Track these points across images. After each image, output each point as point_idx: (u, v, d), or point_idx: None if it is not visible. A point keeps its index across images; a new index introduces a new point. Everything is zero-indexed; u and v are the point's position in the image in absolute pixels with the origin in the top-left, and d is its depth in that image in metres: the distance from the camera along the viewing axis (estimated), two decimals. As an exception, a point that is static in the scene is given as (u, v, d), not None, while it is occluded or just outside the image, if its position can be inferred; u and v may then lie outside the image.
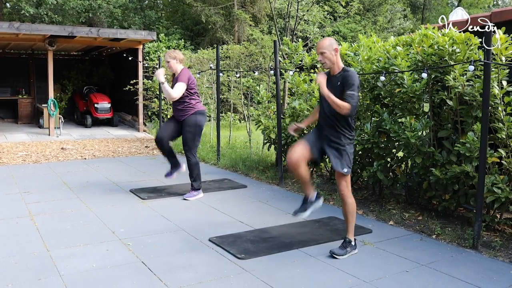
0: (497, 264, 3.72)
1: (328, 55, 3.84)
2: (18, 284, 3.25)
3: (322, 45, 3.86)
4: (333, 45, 3.85)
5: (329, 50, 3.83)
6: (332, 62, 3.86)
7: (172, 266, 3.61)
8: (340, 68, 3.90)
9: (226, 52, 12.36)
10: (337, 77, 3.86)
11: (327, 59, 3.86)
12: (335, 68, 3.90)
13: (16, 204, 5.31)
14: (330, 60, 3.86)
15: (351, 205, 3.89)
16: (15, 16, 18.92)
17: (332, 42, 3.87)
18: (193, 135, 5.64)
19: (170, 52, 5.64)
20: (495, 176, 4.21)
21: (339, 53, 3.88)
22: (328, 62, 3.87)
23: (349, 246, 3.91)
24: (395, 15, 27.57)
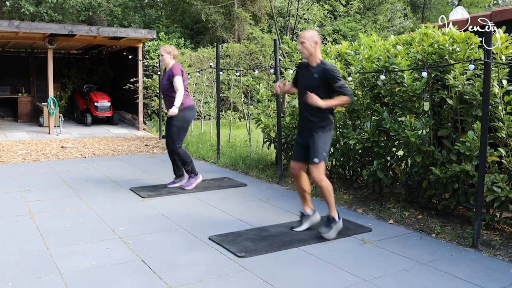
0: (496, 263, 3.72)
1: (308, 45, 4.14)
2: (18, 283, 3.25)
3: (304, 35, 4.18)
4: (314, 38, 4.16)
5: (309, 41, 4.14)
6: (310, 53, 4.17)
7: (172, 265, 3.62)
8: (318, 61, 4.20)
9: (226, 50, 12.37)
10: (316, 69, 4.18)
11: (305, 49, 4.16)
12: (313, 60, 4.21)
13: (16, 203, 5.31)
14: (308, 51, 4.16)
15: (326, 188, 4.24)
16: (15, 15, 18.92)
17: (314, 34, 4.19)
18: (178, 129, 5.85)
19: (166, 47, 5.90)
20: (495, 175, 4.21)
21: (319, 46, 4.19)
22: (306, 52, 4.18)
23: (333, 222, 4.25)
24: (395, 14, 27.57)
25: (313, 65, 4.20)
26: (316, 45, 4.15)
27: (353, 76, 5.52)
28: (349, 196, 5.67)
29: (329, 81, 4.11)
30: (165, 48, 5.86)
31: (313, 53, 4.17)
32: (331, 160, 6.39)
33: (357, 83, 5.58)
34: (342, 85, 4.11)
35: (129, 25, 20.12)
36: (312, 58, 4.20)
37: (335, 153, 6.00)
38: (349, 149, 5.72)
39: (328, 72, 4.11)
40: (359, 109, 5.59)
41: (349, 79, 5.54)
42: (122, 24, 20.38)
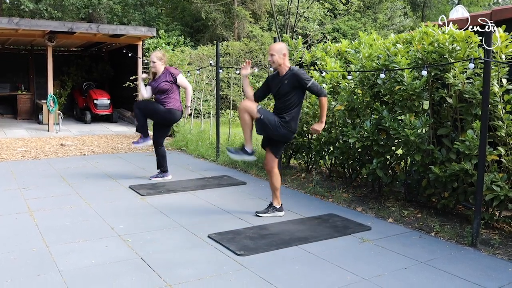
0: (495, 262, 3.72)
1: (276, 58, 4.62)
2: (17, 280, 3.25)
3: (273, 48, 4.66)
4: (283, 51, 4.63)
5: (278, 54, 4.62)
6: (279, 64, 4.64)
7: (171, 263, 3.62)
8: (287, 69, 4.67)
9: (226, 48, 12.36)
10: (285, 76, 4.63)
11: (275, 61, 4.64)
12: (282, 69, 4.68)
13: (15, 200, 5.31)
14: (277, 62, 4.64)
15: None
16: (15, 12, 18.89)
17: (282, 47, 4.66)
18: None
19: (157, 53, 6.28)
20: (494, 174, 4.21)
21: (287, 57, 4.67)
22: (275, 63, 4.65)
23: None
24: (395, 13, 27.54)
25: (283, 73, 4.66)
26: (284, 56, 4.63)
27: (353, 75, 5.52)
28: (348, 195, 5.68)
29: (300, 83, 4.56)
30: (156, 55, 6.20)
31: (281, 63, 4.64)
32: (331, 159, 6.40)
33: (357, 81, 5.57)
34: (313, 83, 4.57)
35: (129, 22, 20.10)
36: (281, 68, 4.67)
37: (335, 151, 6.00)
38: (349, 147, 5.72)
39: (296, 75, 4.57)
40: (358, 107, 5.59)
41: (349, 78, 5.55)
42: (122, 21, 20.36)
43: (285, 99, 4.63)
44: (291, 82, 4.58)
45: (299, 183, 6.27)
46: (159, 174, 6.52)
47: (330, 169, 6.61)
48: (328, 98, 5.95)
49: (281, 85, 4.64)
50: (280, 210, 4.91)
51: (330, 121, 6.07)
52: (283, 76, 4.65)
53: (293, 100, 4.62)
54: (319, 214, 4.91)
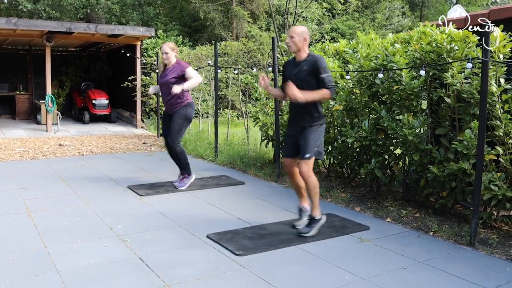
0: (493, 261, 3.73)
1: (296, 40, 4.18)
2: (16, 281, 3.25)
3: (294, 30, 4.22)
4: (304, 34, 4.20)
5: (299, 37, 4.18)
6: (298, 48, 4.20)
7: (170, 263, 3.62)
8: (306, 54, 4.24)
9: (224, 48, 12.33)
10: (304, 61, 4.21)
11: (293, 44, 4.19)
12: (301, 54, 4.24)
13: (14, 200, 5.30)
14: (296, 45, 4.19)
15: (312, 183, 4.22)
16: (13, 12, 18.86)
17: (304, 30, 4.23)
18: (180, 126, 5.84)
19: (169, 44, 5.86)
20: (492, 174, 4.22)
21: (307, 43, 4.23)
22: (293, 47, 4.21)
23: (314, 222, 4.27)
24: (394, 12, 27.56)
25: (301, 59, 4.24)
26: (305, 41, 4.20)
27: (351, 75, 5.53)
28: (346, 194, 5.68)
29: (316, 71, 4.11)
30: (169, 46, 5.79)
31: (301, 48, 4.21)
32: (329, 159, 6.40)
33: (355, 81, 5.58)
34: (326, 77, 4.11)
35: (127, 22, 20.08)
36: (299, 53, 4.24)
37: (333, 151, 6.00)
38: (347, 147, 5.72)
39: (317, 61, 4.13)
40: (357, 107, 5.59)
41: (347, 78, 5.55)
42: (120, 21, 20.34)
43: (303, 87, 4.09)
44: (310, 68, 4.13)
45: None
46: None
47: (329, 169, 6.62)
48: None
49: (299, 71, 4.19)
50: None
51: (328, 120, 6.08)
52: (301, 61, 4.21)
53: (313, 89, 4.11)
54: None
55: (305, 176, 4.18)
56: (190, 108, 5.87)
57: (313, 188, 4.21)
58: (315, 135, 4.21)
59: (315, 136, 4.21)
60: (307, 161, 4.16)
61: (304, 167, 4.16)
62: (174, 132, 5.82)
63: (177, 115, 5.80)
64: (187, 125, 5.96)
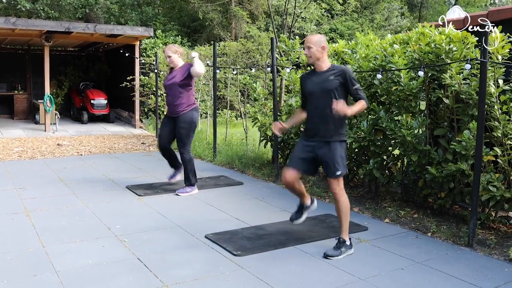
0: (491, 262, 3.74)
1: (314, 51, 3.90)
2: (14, 280, 3.24)
3: (310, 40, 3.93)
4: (321, 43, 3.91)
5: (316, 46, 3.89)
6: (317, 58, 3.92)
7: (168, 263, 3.61)
8: (328, 65, 3.96)
9: (223, 49, 12.33)
10: (329, 72, 3.90)
11: (312, 54, 3.92)
12: (322, 65, 3.95)
13: (12, 200, 5.29)
14: (315, 56, 3.91)
15: (343, 203, 3.90)
16: (11, 11, 18.82)
17: (321, 39, 3.94)
18: (187, 132, 5.63)
19: (171, 47, 5.65)
20: (491, 175, 4.23)
21: (326, 51, 3.94)
22: (313, 57, 3.93)
23: (343, 246, 3.85)
24: (392, 13, 27.58)
25: (323, 69, 3.95)
26: (323, 50, 3.92)
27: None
28: (345, 195, 5.68)
29: (347, 83, 3.85)
30: (170, 49, 5.61)
31: (320, 58, 3.92)
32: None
33: (354, 82, 5.57)
34: (358, 88, 3.90)
35: (126, 22, 20.06)
36: (319, 63, 3.95)
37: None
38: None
39: (347, 73, 3.85)
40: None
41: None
42: (119, 21, 20.31)
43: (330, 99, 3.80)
44: (339, 79, 3.84)
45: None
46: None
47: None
48: None
49: (324, 81, 3.88)
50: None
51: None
52: (325, 72, 3.92)
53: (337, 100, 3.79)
54: (316, 215, 4.91)
55: (336, 194, 3.89)
56: (196, 112, 5.69)
57: (344, 208, 3.90)
58: (341, 150, 3.92)
59: (341, 152, 3.92)
60: (339, 178, 3.88)
61: (335, 185, 3.88)
62: (183, 139, 5.62)
63: (182, 119, 5.57)
64: (194, 129, 5.73)
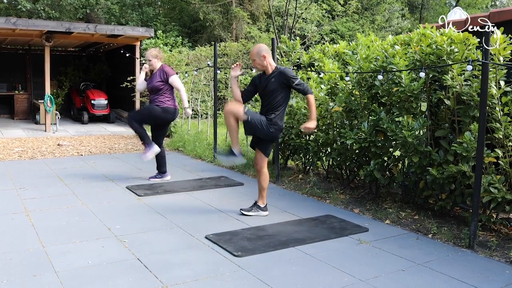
0: (492, 264, 3.72)
1: (258, 61, 4.66)
2: (13, 280, 3.23)
3: (252, 54, 4.69)
4: (261, 53, 4.62)
5: (258, 57, 4.64)
6: (263, 66, 4.68)
7: (168, 263, 3.60)
8: (273, 68, 4.70)
9: (224, 49, 12.35)
10: (272, 75, 4.66)
11: (257, 64, 4.70)
12: (268, 69, 4.70)
13: (12, 200, 5.29)
14: (261, 65, 4.68)
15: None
16: (12, 11, 18.83)
17: (260, 49, 4.63)
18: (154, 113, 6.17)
19: (152, 51, 6.25)
20: (492, 176, 4.21)
21: (268, 56, 4.64)
22: (259, 67, 4.71)
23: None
24: (393, 14, 27.59)
25: (269, 72, 4.69)
26: (265, 58, 4.62)
27: (350, 76, 5.52)
28: (345, 196, 5.67)
29: (287, 81, 4.58)
30: (151, 53, 6.18)
31: (265, 65, 4.66)
32: (328, 160, 6.39)
33: (355, 83, 5.57)
34: (299, 83, 4.60)
35: (126, 23, 20.06)
36: (266, 69, 4.69)
37: (332, 153, 6.00)
38: (346, 149, 5.71)
39: (284, 74, 4.59)
40: (356, 109, 5.59)
41: (346, 79, 5.55)
42: (119, 22, 20.32)
43: (272, 98, 4.65)
44: (278, 80, 4.60)
45: (296, 184, 6.27)
46: (157, 175, 6.50)
47: (328, 170, 6.61)
48: (326, 98, 5.96)
49: (267, 84, 4.65)
50: (264, 209, 4.93)
51: (327, 122, 6.07)
52: (269, 75, 4.68)
53: (279, 99, 4.65)
54: (316, 216, 4.91)
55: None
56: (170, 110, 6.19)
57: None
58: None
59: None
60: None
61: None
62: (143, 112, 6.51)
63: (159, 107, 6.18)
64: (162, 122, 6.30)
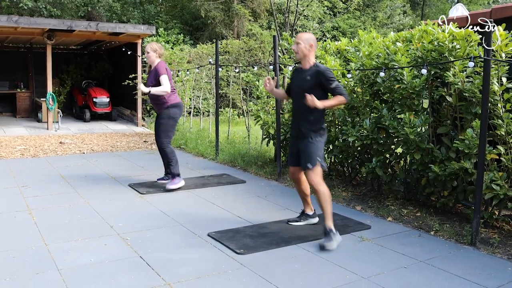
0: (495, 261, 3.72)
1: (302, 47, 4.11)
2: (16, 278, 3.24)
3: (300, 37, 4.14)
4: (310, 41, 4.12)
5: (305, 43, 4.10)
6: (304, 54, 4.13)
7: (171, 261, 3.61)
8: (311, 64, 4.17)
9: (225, 47, 12.33)
10: (308, 71, 4.14)
11: (300, 50, 4.13)
12: (306, 63, 4.18)
13: (14, 198, 5.30)
14: (302, 52, 4.13)
15: (322, 193, 4.04)
16: (14, 10, 18.84)
17: (310, 37, 4.14)
18: (165, 127, 5.83)
19: (152, 44, 5.90)
20: (494, 173, 4.21)
21: (314, 50, 4.15)
22: (300, 53, 4.14)
23: (331, 233, 3.98)
24: (395, 11, 27.51)
25: (306, 67, 4.17)
26: (311, 48, 4.12)
27: (352, 73, 5.51)
28: (347, 193, 5.67)
29: (323, 82, 4.06)
30: (151, 46, 5.84)
31: (307, 55, 4.13)
32: (330, 157, 6.39)
33: (357, 80, 5.57)
34: (337, 86, 4.07)
35: (128, 20, 20.05)
36: (305, 61, 4.17)
37: (334, 150, 5.99)
38: (348, 146, 5.71)
39: (321, 73, 4.06)
40: (358, 106, 5.58)
41: (348, 76, 5.54)
42: (121, 19, 20.31)
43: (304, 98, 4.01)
44: (314, 80, 4.08)
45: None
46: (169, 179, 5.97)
47: (330, 167, 6.61)
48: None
49: (303, 81, 4.15)
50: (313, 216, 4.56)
51: (329, 119, 6.07)
52: (306, 71, 4.16)
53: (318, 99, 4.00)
54: (319, 213, 4.90)
55: (313, 184, 4.05)
56: (174, 109, 5.82)
57: (322, 197, 4.03)
58: (317, 145, 4.11)
59: (317, 145, 4.11)
60: (312, 169, 4.05)
61: (311, 175, 4.06)
62: (161, 133, 5.82)
63: (161, 115, 5.84)
64: (173, 124, 5.88)
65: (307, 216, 4.55)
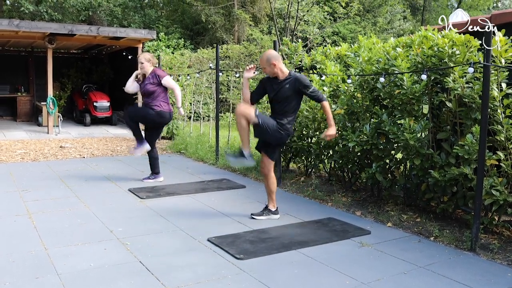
0: (495, 267, 3.72)
1: (268, 69, 4.60)
2: (15, 283, 3.24)
3: (261, 62, 4.64)
4: (270, 60, 4.55)
5: (268, 65, 4.57)
6: (274, 73, 4.61)
7: (170, 266, 3.61)
8: (285, 74, 4.63)
9: (226, 51, 12.37)
10: (286, 81, 4.60)
11: (268, 73, 4.64)
12: (280, 75, 4.62)
13: (14, 202, 5.30)
14: (272, 72, 4.61)
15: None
16: (15, 14, 18.90)
17: (269, 57, 4.57)
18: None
19: (145, 55, 6.39)
20: (494, 179, 4.21)
21: (279, 63, 4.58)
22: (271, 74, 4.64)
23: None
24: (395, 17, 27.59)
25: (281, 78, 4.62)
26: (275, 66, 4.55)
27: (352, 79, 5.52)
28: (347, 199, 5.67)
29: (301, 89, 4.56)
30: (144, 57, 6.31)
31: (276, 72, 4.59)
32: (330, 163, 6.39)
33: (357, 85, 5.58)
34: (314, 90, 4.57)
35: (129, 25, 20.11)
36: (278, 75, 4.62)
37: (334, 155, 6.00)
38: (348, 151, 5.71)
39: (299, 81, 4.55)
40: (358, 111, 5.59)
41: (348, 81, 5.55)
42: (122, 24, 20.37)
43: (285, 104, 4.61)
44: (292, 87, 4.56)
45: (298, 187, 6.27)
46: (151, 176, 6.58)
47: (330, 173, 6.61)
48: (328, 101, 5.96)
49: (281, 89, 4.60)
50: (275, 213, 4.92)
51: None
52: (283, 81, 4.61)
53: (293, 105, 4.64)
54: (319, 218, 4.91)
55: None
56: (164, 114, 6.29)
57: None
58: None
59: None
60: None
61: None
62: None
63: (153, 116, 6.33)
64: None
65: (269, 212, 4.92)
